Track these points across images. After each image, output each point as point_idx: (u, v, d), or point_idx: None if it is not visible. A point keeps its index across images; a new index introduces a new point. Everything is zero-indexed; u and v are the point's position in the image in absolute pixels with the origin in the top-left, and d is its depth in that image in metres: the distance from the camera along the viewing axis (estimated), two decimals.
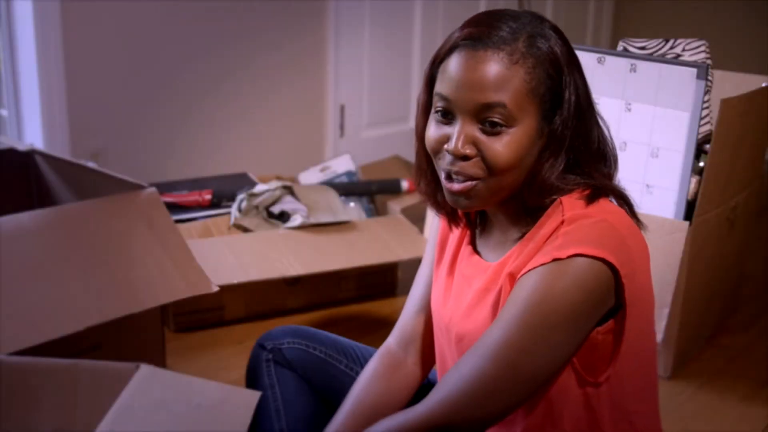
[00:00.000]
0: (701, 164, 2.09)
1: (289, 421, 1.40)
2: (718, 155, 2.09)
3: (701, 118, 2.03)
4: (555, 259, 1.09)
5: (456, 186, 1.15)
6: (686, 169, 2.05)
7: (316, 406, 1.43)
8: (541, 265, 1.10)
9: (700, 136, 2.05)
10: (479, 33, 1.13)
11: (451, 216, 1.28)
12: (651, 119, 2.08)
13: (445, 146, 1.15)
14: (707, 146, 2.07)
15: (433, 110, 1.18)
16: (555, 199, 1.16)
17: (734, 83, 2.41)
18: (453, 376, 1.12)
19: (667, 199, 2.08)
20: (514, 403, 1.12)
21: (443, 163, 1.17)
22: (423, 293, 1.38)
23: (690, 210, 2.08)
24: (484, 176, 1.14)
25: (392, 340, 1.39)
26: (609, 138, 1.22)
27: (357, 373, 1.40)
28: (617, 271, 1.10)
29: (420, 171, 1.26)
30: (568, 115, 1.15)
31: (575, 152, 1.17)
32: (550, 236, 1.13)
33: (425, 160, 1.23)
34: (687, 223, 2.04)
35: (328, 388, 1.43)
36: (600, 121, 1.21)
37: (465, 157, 1.14)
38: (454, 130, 1.14)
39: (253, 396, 1.17)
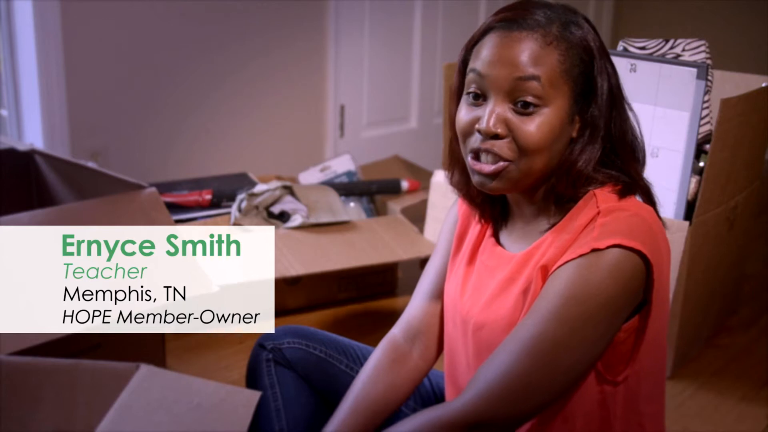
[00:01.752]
0: (701, 164, 2.09)
1: (289, 421, 1.40)
2: (718, 155, 2.09)
3: (701, 118, 2.03)
4: (594, 249, 1.08)
5: (486, 167, 1.15)
6: (686, 169, 2.05)
7: (316, 406, 1.43)
8: (580, 256, 1.09)
9: (700, 136, 2.05)
10: (514, 16, 1.15)
11: (481, 208, 1.26)
12: (651, 119, 2.07)
13: (476, 125, 1.14)
14: (707, 146, 2.07)
15: (465, 93, 1.17)
16: (587, 191, 1.16)
17: (734, 83, 2.41)
18: (487, 371, 1.11)
19: (667, 199, 2.08)
20: (549, 398, 1.11)
21: (472, 142, 1.16)
22: (433, 285, 1.36)
23: (690, 210, 2.08)
24: (514, 158, 1.13)
25: (397, 331, 1.37)
26: (639, 133, 1.22)
27: (357, 373, 1.39)
28: (650, 265, 1.10)
29: (453, 161, 1.24)
30: (602, 103, 1.16)
31: (612, 141, 1.17)
32: (585, 227, 1.13)
33: (459, 149, 1.21)
34: (687, 223, 2.03)
35: (328, 387, 1.43)
36: (631, 114, 1.21)
37: (496, 137, 1.13)
38: (486, 110, 1.14)
39: (253, 396, 1.17)
